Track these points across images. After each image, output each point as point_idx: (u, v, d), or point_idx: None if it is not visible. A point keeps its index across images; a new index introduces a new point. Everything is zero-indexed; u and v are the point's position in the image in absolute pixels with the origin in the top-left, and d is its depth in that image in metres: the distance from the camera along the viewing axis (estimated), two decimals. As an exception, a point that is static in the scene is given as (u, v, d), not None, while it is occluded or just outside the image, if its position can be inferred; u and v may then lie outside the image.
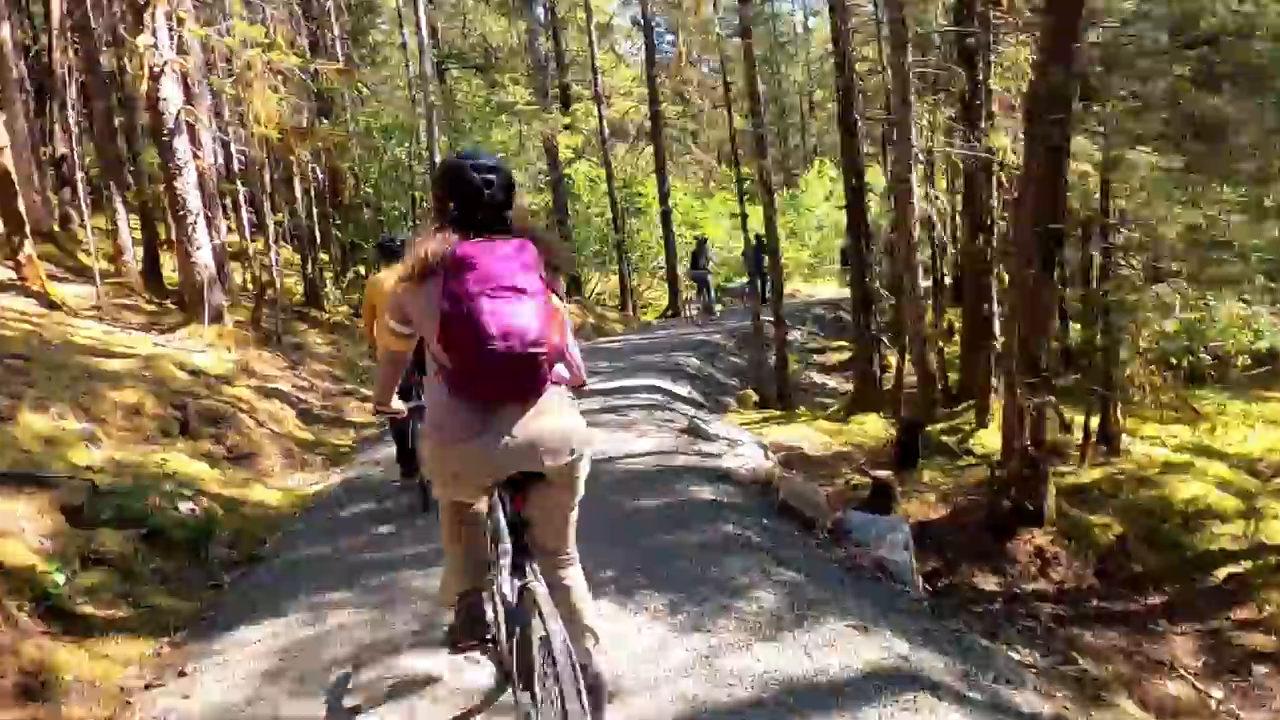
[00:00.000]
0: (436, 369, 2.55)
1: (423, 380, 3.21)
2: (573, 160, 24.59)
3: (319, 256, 16.56)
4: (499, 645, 2.83)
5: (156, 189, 13.82)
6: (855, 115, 10.92)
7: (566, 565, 2.71)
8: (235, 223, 16.85)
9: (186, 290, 11.29)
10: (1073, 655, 5.19)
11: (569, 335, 2.77)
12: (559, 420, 2.50)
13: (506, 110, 22.08)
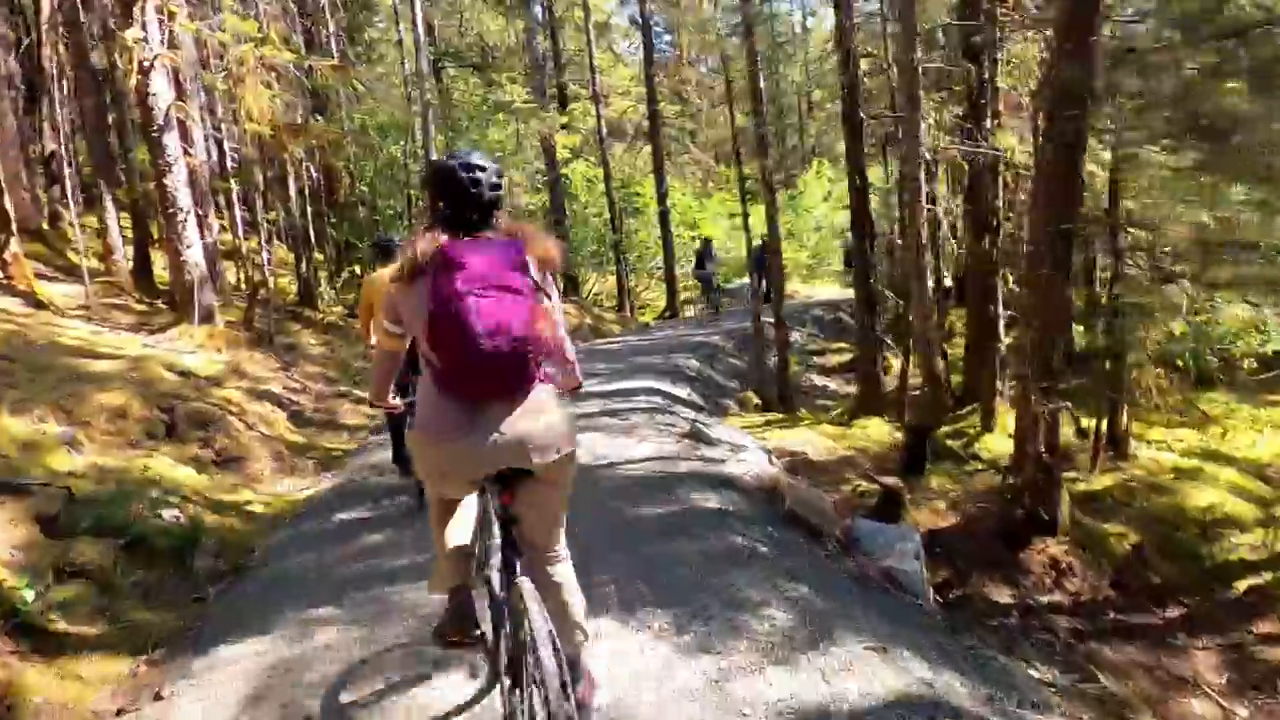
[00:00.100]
0: (427, 367, 2.56)
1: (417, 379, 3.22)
2: (570, 160, 24.37)
3: (313, 256, 16.32)
4: (488, 641, 2.82)
5: (147, 187, 13.56)
6: (860, 114, 10.72)
7: (556, 562, 2.73)
8: (229, 221, 16.61)
9: (177, 290, 11.06)
10: (1093, 672, 4.99)
11: (564, 336, 2.80)
12: (546, 418, 2.52)
13: (503, 109, 21.86)
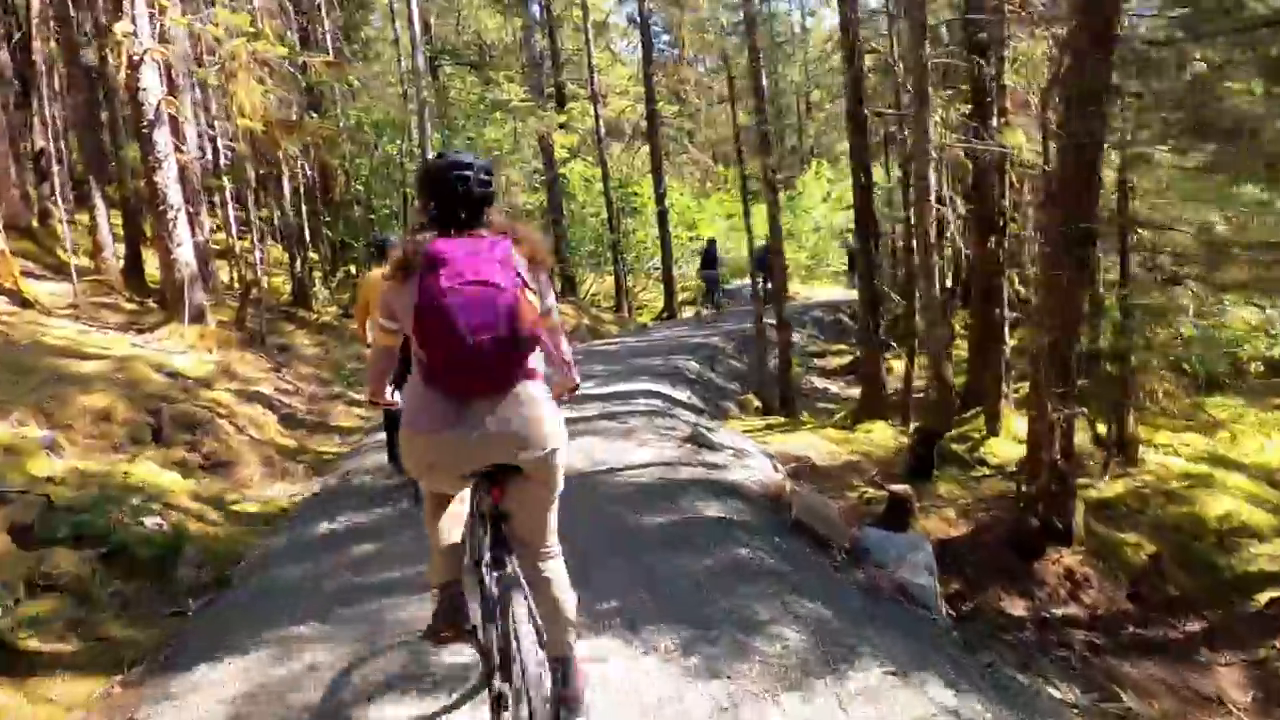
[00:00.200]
0: (416, 363, 2.59)
1: None
2: (568, 159, 24.17)
3: (308, 255, 16.10)
4: (479, 636, 2.78)
5: (138, 184, 13.34)
6: (865, 110, 10.51)
7: (547, 559, 2.74)
8: (222, 220, 16.38)
9: (167, 289, 10.85)
10: (1114, 690, 4.80)
11: (560, 336, 2.85)
12: (532, 414, 2.53)
13: (501, 108, 21.63)
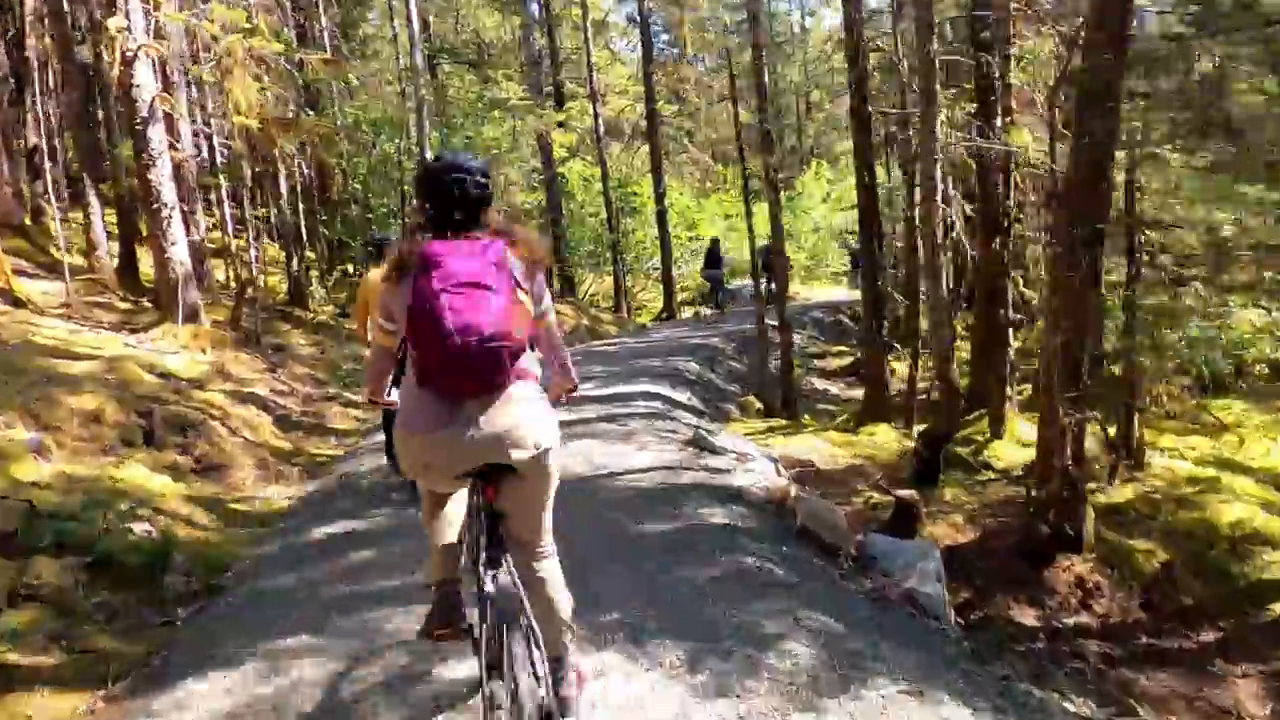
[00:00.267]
0: (411, 364, 2.62)
1: None
2: (567, 159, 24.02)
3: (305, 254, 15.96)
4: (475, 634, 2.74)
5: (133, 182, 13.18)
6: (869, 108, 10.37)
7: (542, 558, 2.75)
8: (219, 218, 16.23)
9: (161, 288, 10.69)
10: (1130, 704, 4.67)
11: (557, 338, 2.89)
12: (523, 413, 2.55)
13: (499, 106, 21.48)
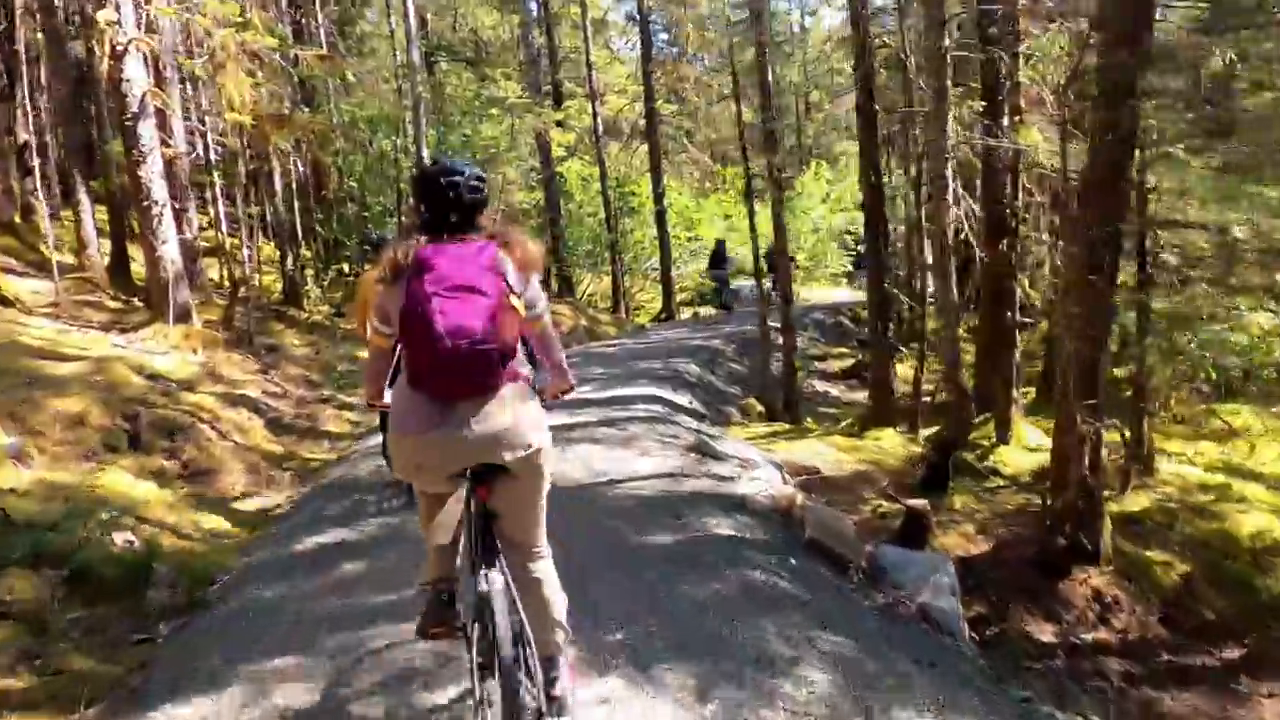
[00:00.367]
0: (404, 365, 2.62)
1: None
2: (565, 158, 23.81)
3: (300, 253, 15.74)
4: (468, 634, 2.76)
5: (123, 179, 12.97)
6: (875, 106, 10.17)
7: (536, 559, 2.76)
8: (213, 216, 16.00)
9: (152, 287, 10.48)
10: (1156, 727, 4.49)
11: (552, 339, 2.91)
12: (515, 414, 2.57)
13: (497, 105, 21.26)
